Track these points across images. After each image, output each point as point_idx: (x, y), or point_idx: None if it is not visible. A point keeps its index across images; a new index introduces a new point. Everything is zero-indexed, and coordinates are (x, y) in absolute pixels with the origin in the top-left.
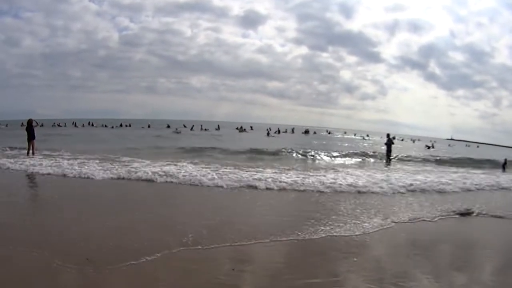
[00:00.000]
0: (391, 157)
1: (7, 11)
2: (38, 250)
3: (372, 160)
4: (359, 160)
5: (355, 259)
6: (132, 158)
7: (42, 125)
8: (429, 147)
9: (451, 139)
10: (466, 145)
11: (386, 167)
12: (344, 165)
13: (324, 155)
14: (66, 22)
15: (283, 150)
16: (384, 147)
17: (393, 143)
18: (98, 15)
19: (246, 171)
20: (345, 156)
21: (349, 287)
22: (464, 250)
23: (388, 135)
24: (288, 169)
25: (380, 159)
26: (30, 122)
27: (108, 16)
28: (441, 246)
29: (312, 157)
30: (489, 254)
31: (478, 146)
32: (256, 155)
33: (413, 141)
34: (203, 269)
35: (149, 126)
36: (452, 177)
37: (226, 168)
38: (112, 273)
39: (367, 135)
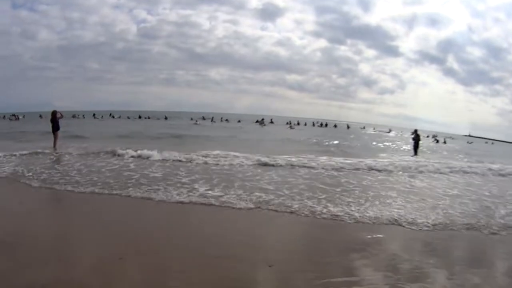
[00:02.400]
0: (418, 150)
1: (23, 4)
2: None
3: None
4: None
5: None
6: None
7: (62, 116)
8: (437, 141)
9: (469, 135)
10: (485, 142)
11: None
12: None
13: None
14: (83, 14)
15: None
16: (411, 142)
17: (420, 139)
18: (115, 7)
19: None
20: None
21: None
22: None
23: (415, 131)
24: None
25: None
26: (54, 113)
27: (125, 8)
28: None
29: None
30: None
31: (493, 143)
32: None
33: (437, 141)
34: None
35: (166, 118)
36: None
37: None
38: None
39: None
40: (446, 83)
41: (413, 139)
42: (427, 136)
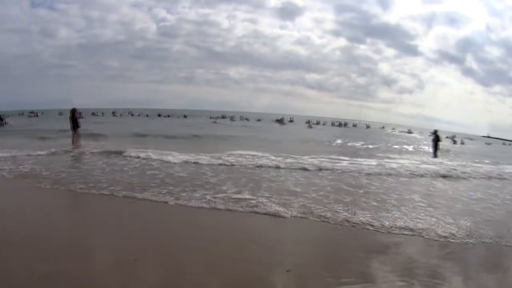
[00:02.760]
0: (437, 151)
1: (42, 3)
2: None
3: None
4: None
5: None
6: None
7: (81, 117)
8: (455, 142)
9: (488, 136)
10: (503, 144)
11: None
12: None
13: None
14: (102, 13)
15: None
16: (431, 143)
17: (440, 140)
18: (134, 6)
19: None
20: None
21: None
22: None
23: (435, 131)
24: None
25: None
26: (73, 111)
27: (144, 7)
28: None
29: None
30: None
31: (510, 144)
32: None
33: (454, 142)
34: None
35: (185, 117)
36: None
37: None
38: None
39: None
40: (465, 83)
41: (433, 140)
42: (446, 137)
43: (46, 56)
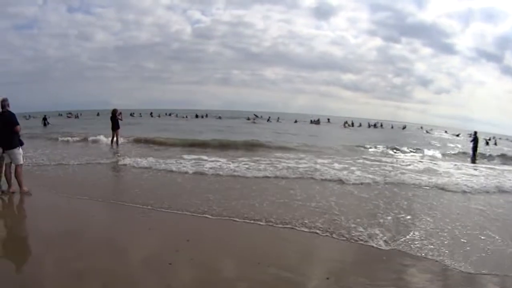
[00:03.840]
0: (476, 155)
1: (78, 8)
2: None
3: None
4: None
5: None
6: None
7: (121, 119)
8: (487, 143)
9: None
10: None
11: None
12: None
13: None
14: (137, 16)
15: None
16: (470, 145)
17: (478, 141)
18: (169, 8)
19: None
20: None
21: None
22: None
23: (475, 133)
24: None
25: None
26: (114, 112)
27: (179, 9)
28: None
29: None
30: None
31: None
32: None
33: (487, 143)
34: None
35: (220, 118)
36: None
37: None
38: None
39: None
40: (504, 81)
41: (472, 141)
42: (483, 138)
43: (84, 58)
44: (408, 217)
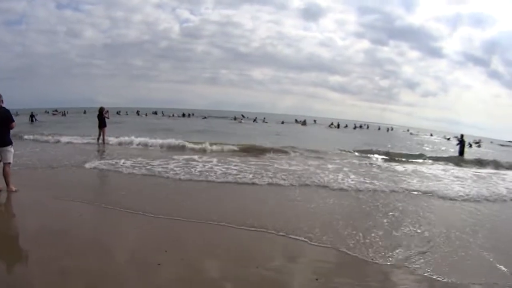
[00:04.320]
0: (463, 156)
1: (68, 4)
2: None
3: None
4: None
5: None
6: None
7: (108, 117)
8: (470, 145)
9: None
10: None
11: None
12: None
13: None
14: (126, 14)
15: None
16: (457, 148)
17: (465, 144)
18: (158, 7)
19: None
20: None
21: None
22: None
23: (461, 136)
24: None
25: None
26: (101, 110)
27: (168, 8)
28: None
29: None
30: None
31: None
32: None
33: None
34: None
35: (205, 118)
36: None
37: None
38: None
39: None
40: (490, 86)
41: (458, 144)
42: (475, 142)
43: (73, 55)
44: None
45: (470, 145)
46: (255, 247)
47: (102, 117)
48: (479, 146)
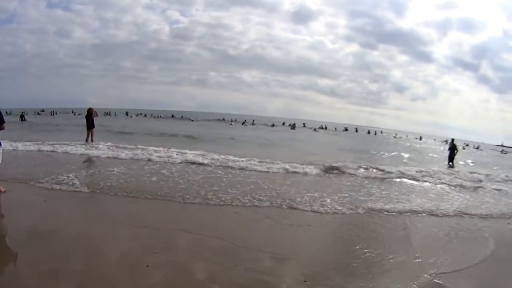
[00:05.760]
0: (453, 161)
1: (58, 4)
2: None
3: None
4: None
5: None
6: None
7: (97, 115)
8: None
9: (502, 145)
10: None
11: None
12: None
13: None
14: (116, 14)
15: None
16: (447, 152)
17: (457, 149)
18: (148, 8)
19: None
20: None
21: None
22: None
23: (452, 140)
24: None
25: None
26: (90, 111)
27: (158, 9)
28: None
29: None
30: None
31: None
32: None
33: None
34: None
35: (192, 120)
36: None
37: None
38: None
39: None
40: (479, 90)
41: (449, 148)
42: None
43: (62, 55)
44: None
45: (464, 148)
46: None
47: (90, 118)
48: (463, 148)
